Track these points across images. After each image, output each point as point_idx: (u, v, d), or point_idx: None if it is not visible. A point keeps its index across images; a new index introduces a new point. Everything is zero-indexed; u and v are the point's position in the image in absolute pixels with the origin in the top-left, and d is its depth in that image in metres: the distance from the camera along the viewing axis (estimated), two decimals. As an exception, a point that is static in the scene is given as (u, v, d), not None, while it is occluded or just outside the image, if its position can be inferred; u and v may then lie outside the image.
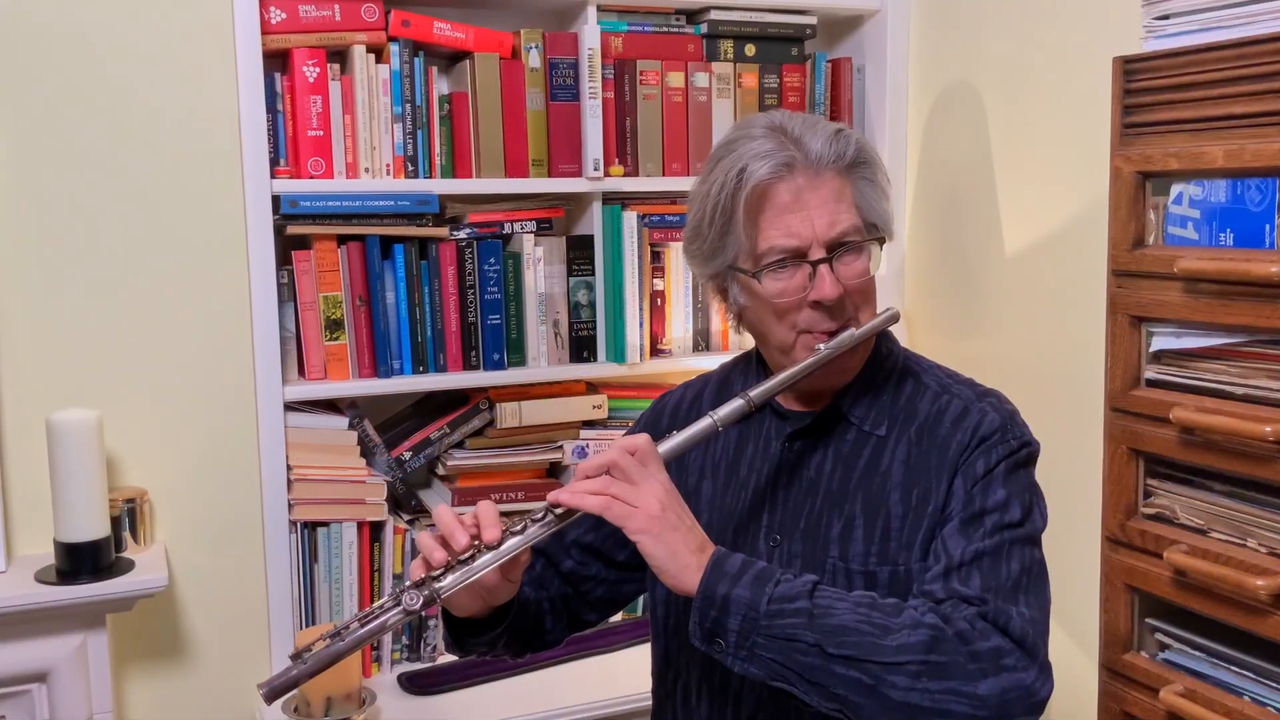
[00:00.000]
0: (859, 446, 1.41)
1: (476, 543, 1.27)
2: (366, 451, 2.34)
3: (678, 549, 1.23)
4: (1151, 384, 1.68)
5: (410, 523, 2.37)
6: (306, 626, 2.29)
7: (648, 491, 1.25)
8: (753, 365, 1.53)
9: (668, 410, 1.60)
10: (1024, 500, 1.34)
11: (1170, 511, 1.66)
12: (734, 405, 1.33)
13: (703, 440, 1.34)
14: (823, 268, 1.34)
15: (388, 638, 2.36)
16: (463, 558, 1.26)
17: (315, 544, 2.29)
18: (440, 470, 2.45)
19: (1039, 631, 1.26)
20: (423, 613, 1.24)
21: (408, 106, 2.29)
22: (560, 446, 2.47)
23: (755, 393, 1.34)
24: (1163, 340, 1.66)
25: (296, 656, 1.21)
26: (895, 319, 1.42)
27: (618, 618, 2.54)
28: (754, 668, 1.22)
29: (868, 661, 1.19)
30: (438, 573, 1.25)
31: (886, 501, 1.36)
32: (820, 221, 1.33)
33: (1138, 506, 1.71)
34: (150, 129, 2.17)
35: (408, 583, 1.25)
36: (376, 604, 1.24)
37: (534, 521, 1.28)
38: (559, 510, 1.27)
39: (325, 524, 2.29)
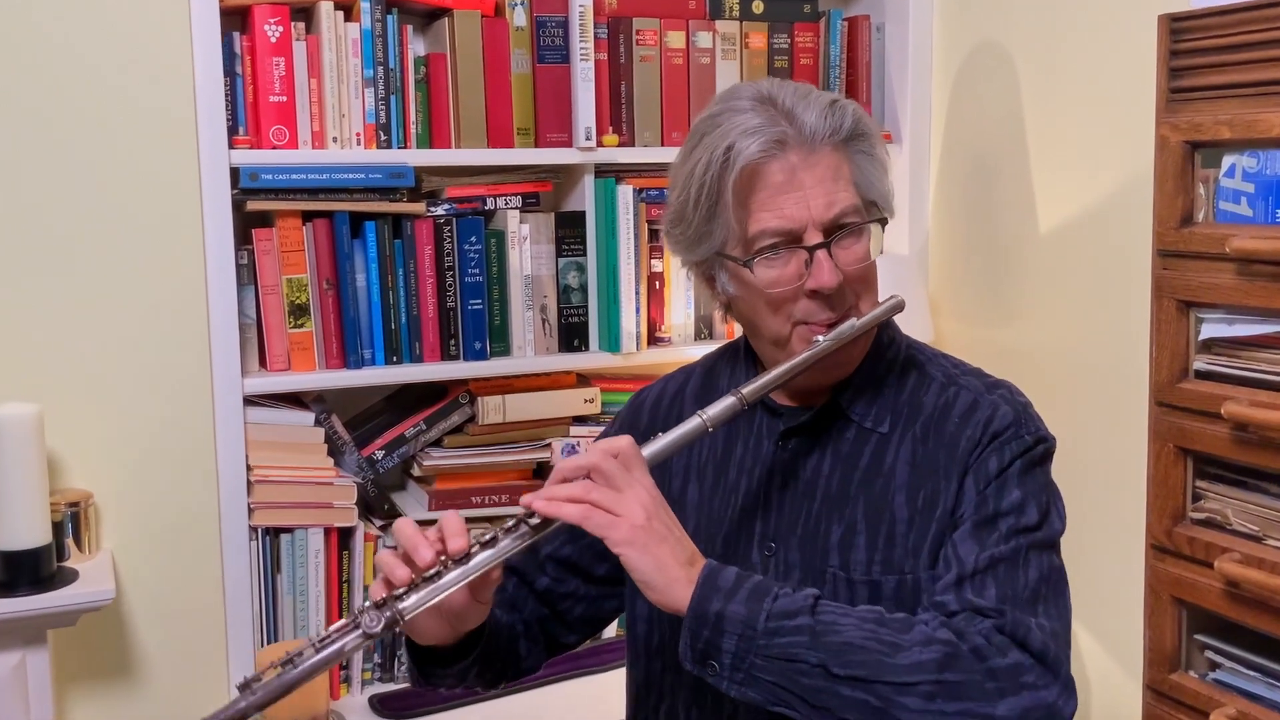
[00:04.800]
0: (860, 445, 1.41)
1: (443, 558, 1.25)
2: (334, 450, 2.33)
3: (666, 562, 1.23)
4: (1201, 375, 1.68)
5: (383, 528, 2.37)
6: (268, 643, 2.28)
7: (632, 499, 1.24)
8: (741, 356, 1.53)
9: (647, 406, 1.60)
10: (1040, 501, 1.34)
11: (1221, 516, 1.66)
12: (725, 403, 1.32)
13: (691, 442, 1.34)
14: (820, 254, 1.33)
15: (358, 655, 2.36)
16: (428, 575, 1.24)
17: (278, 552, 2.28)
18: (416, 471, 2.45)
19: (1060, 645, 1.27)
20: (385, 636, 1.23)
21: (380, 69, 2.28)
22: (548, 445, 2.47)
23: (748, 390, 1.33)
24: (1213, 327, 1.66)
25: (245, 686, 1.19)
26: (900, 307, 1.42)
27: (610, 633, 2.54)
28: (752, 691, 1.21)
29: (877, 682, 1.19)
30: (400, 592, 1.24)
31: (890, 504, 1.36)
32: (816, 202, 1.33)
33: (1186, 511, 1.71)
34: (95, 95, 2.16)
35: (367, 603, 1.24)
36: (334, 627, 1.23)
37: (506, 533, 1.26)
38: (534, 520, 1.26)
39: (289, 530, 2.28)
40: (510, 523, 1.27)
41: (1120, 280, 2.23)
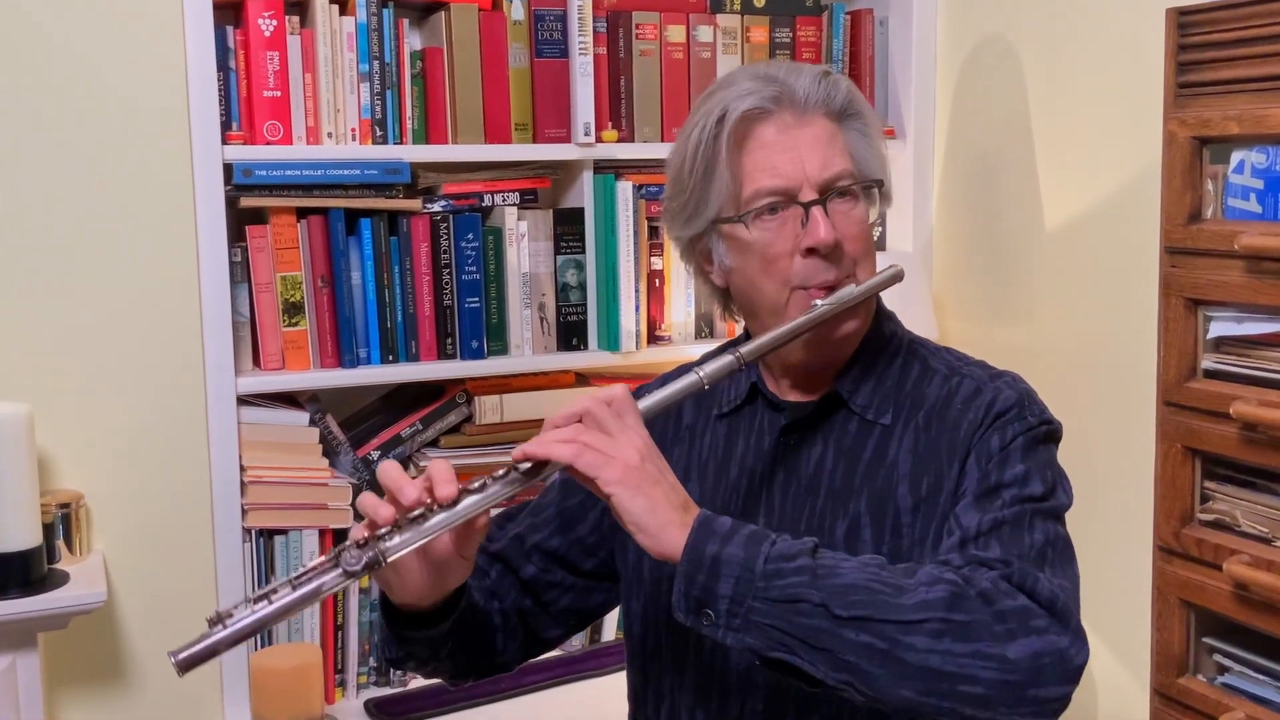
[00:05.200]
0: (862, 438, 1.41)
1: (429, 501, 1.24)
2: (329, 451, 2.33)
3: (659, 504, 1.22)
4: (1209, 375, 1.68)
5: (378, 530, 2.36)
6: (262, 647, 2.28)
7: (625, 442, 1.23)
8: None
9: None
10: (1045, 476, 1.34)
11: (1230, 517, 1.66)
12: (722, 361, 1.33)
13: (686, 398, 1.34)
14: (816, 210, 1.35)
15: (353, 660, 2.36)
16: (413, 516, 1.23)
17: (272, 554, 2.28)
18: (412, 472, 2.44)
19: (1070, 597, 1.25)
20: (366, 575, 1.21)
21: (375, 64, 2.28)
22: (547, 445, 2.46)
23: (747, 349, 1.34)
24: (1222, 326, 1.66)
25: (216, 621, 1.17)
26: (900, 277, 1.42)
27: (609, 637, 2.54)
28: (750, 638, 1.20)
29: (882, 621, 1.17)
30: (384, 532, 1.22)
31: (894, 495, 1.36)
32: (811, 162, 1.35)
33: (1194, 512, 1.71)
34: (86, 90, 2.15)
35: (348, 542, 1.22)
36: (312, 564, 1.20)
37: (495, 479, 1.25)
38: (524, 466, 1.25)
39: (283, 532, 2.28)
40: (501, 470, 1.26)
41: (1127, 278, 2.23)
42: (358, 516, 2.32)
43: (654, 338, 2.54)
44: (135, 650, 2.27)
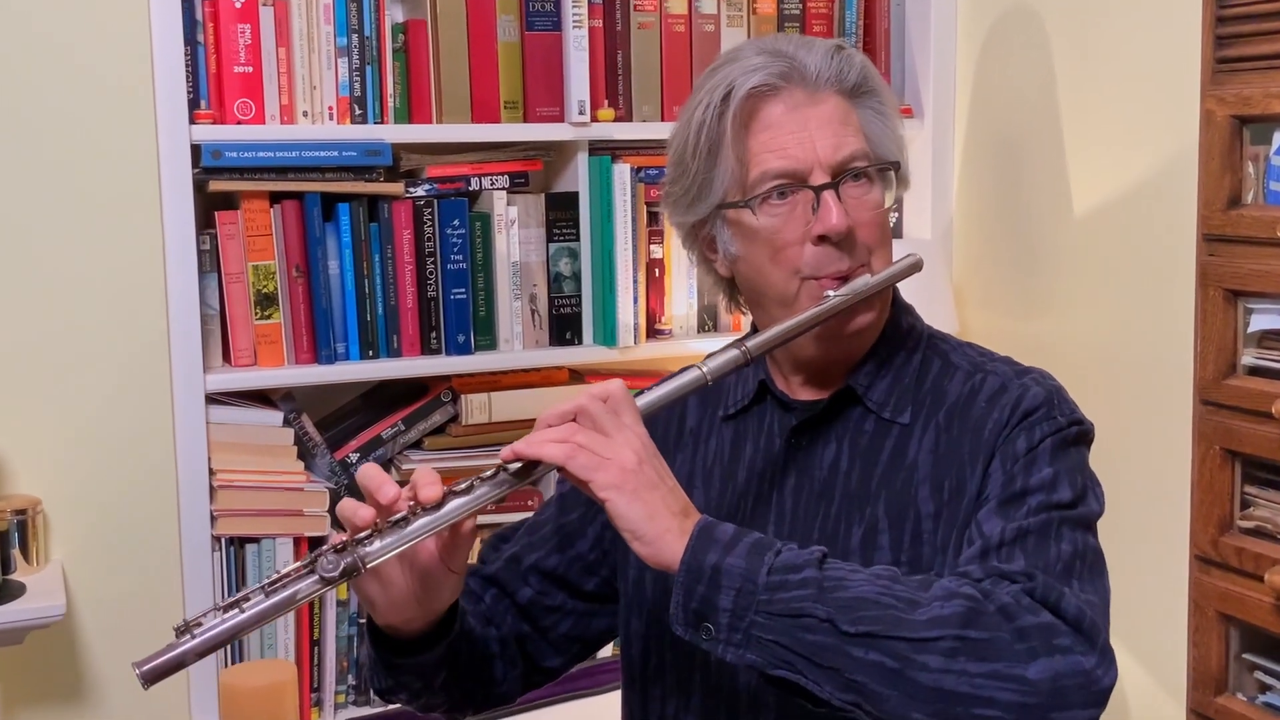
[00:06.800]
0: (879, 438, 1.40)
1: (412, 504, 1.24)
2: (305, 453, 2.33)
3: (657, 510, 1.21)
4: (1250, 371, 1.67)
5: (358, 538, 2.36)
6: (233, 662, 2.28)
7: (622, 443, 1.23)
8: None
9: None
10: (1075, 481, 1.33)
11: (1272, 525, 1.65)
12: (727, 355, 1.32)
13: (687, 394, 1.33)
14: (828, 194, 1.34)
15: (330, 677, 2.35)
16: (395, 520, 1.23)
17: (243, 563, 2.28)
18: (394, 475, 2.43)
19: (1098, 614, 1.24)
20: (345, 582, 1.20)
21: (354, 37, 2.28)
22: (538, 447, 2.46)
23: (753, 342, 1.33)
24: (1263, 319, 1.65)
25: (184, 630, 1.17)
26: (918, 266, 1.42)
27: (606, 653, 2.53)
28: (751, 654, 1.19)
29: (893, 639, 1.17)
30: (363, 535, 1.22)
31: (914, 499, 1.36)
32: (823, 143, 1.35)
33: (1233, 519, 1.70)
34: (43, 65, 2.15)
35: (326, 547, 1.21)
36: (287, 569, 1.20)
37: (483, 480, 1.25)
38: (513, 467, 1.25)
39: (255, 540, 2.28)
40: (489, 471, 1.25)
41: (1162, 268, 2.22)
42: (335, 524, 2.32)
43: (653, 332, 2.54)
44: (96, 666, 2.27)
